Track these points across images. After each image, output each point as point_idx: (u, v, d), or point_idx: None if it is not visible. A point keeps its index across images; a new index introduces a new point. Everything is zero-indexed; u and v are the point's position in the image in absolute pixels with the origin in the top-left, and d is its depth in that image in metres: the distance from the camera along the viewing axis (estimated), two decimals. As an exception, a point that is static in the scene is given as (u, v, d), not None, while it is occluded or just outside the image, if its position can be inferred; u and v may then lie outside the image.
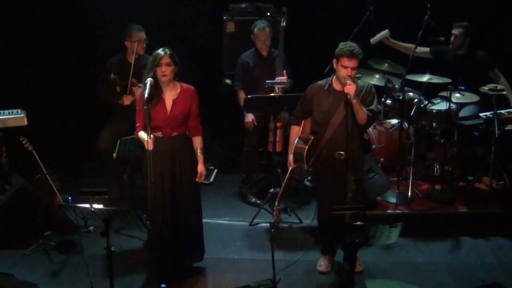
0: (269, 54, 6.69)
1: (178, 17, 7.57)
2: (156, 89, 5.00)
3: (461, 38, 6.63)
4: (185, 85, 5.16)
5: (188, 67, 7.56)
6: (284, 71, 6.46)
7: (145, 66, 6.12)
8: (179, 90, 5.11)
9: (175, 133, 5.10)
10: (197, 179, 5.20)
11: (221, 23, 7.29)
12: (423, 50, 6.78)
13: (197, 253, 5.45)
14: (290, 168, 5.53)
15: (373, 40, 6.82)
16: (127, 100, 6.22)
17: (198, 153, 5.22)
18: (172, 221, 5.17)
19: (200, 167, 5.21)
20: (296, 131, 5.44)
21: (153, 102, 4.98)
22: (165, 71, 4.95)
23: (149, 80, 4.92)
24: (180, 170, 5.14)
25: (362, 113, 5.05)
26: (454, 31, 6.67)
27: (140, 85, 6.02)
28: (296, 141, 5.40)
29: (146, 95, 4.84)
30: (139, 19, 6.46)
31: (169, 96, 5.08)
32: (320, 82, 5.31)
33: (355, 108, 4.99)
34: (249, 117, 6.61)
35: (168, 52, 4.98)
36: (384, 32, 6.82)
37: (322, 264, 5.56)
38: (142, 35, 6.26)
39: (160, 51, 4.99)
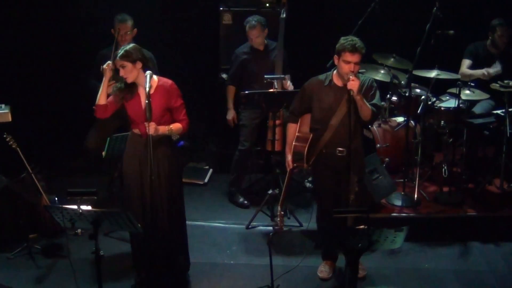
0: (265, 47, 6.70)
1: (171, 8, 7.57)
2: (133, 86, 5.01)
3: (508, 36, 6.70)
4: (163, 79, 5.11)
5: (182, 61, 7.60)
6: (289, 82, 6.50)
7: None
8: (156, 84, 5.06)
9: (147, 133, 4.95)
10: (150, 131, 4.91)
11: (218, 14, 7.29)
12: (466, 64, 6.91)
13: (181, 260, 5.41)
14: (289, 168, 5.54)
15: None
16: (108, 89, 6.16)
17: (167, 126, 5.07)
18: (153, 224, 5.06)
19: (159, 127, 5.00)
20: (293, 129, 5.45)
21: (127, 97, 5.02)
22: (123, 74, 4.95)
23: (148, 73, 4.93)
24: (158, 169, 5.05)
25: (366, 109, 5.07)
26: (500, 31, 6.71)
27: None
28: (294, 140, 5.41)
29: (147, 89, 4.83)
30: (131, 10, 6.45)
31: (145, 91, 5.01)
32: (320, 77, 5.31)
33: (359, 104, 5.01)
34: (231, 114, 6.76)
35: (120, 52, 4.93)
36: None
37: (323, 270, 5.57)
38: (125, 26, 6.23)
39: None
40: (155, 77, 5.09)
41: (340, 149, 5.17)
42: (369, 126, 6.73)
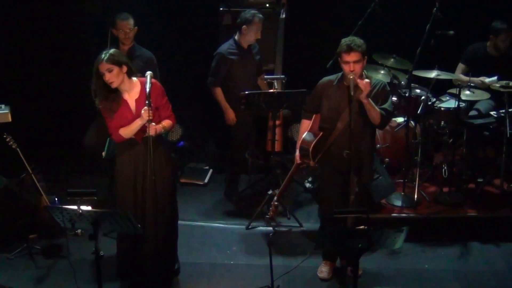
0: (249, 46, 6.65)
1: (171, 8, 7.56)
2: (116, 92, 4.91)
3: (508, 39, 6.70)
4: (144, 80, 4.97)
5: (182, 61, 7.60)
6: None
7: (139, 57, 6.12)
8: (140, 88, 4.97)
9: (147, 134, 4.91)
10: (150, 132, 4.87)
11: (218, 15, 7.28)
12: (461, 69, 6.93)
13: (169, 263, 5.38)
14: (296, 163, 5.54)
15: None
16: None
17: (161, 125, 5.01)
18: (144, 227, 5.01)
19: (157, 126, 4.94)
20: (306, 125, 5.47)
21: (114, 106, 4.92)
22: (109, 78, 4.79)
23: (149, 73, 4.90)
24: (154, 172, 4.95)
25: (375, 113, 5.07)
26: (505, 36, 6.69)
27: None
28: (304, 135, 5.43)
29: (147, 89, 4.80)
30: (131, 10, 6.44)
31: (131, 96, 4.97)
32: (330, 77, 5.34)
33: (367, 108, 5.02)
34: (231, 113, 6.58)
35: (105, 56, 4.77)
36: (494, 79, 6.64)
37: (323, 270, 5.57)
38: (128, 24, 6.22)
39: (98, 59, 4.82)
40: (134, 79, 4.99)
41: (347, 152, 5.14)
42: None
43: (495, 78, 6.58)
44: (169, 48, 7.45)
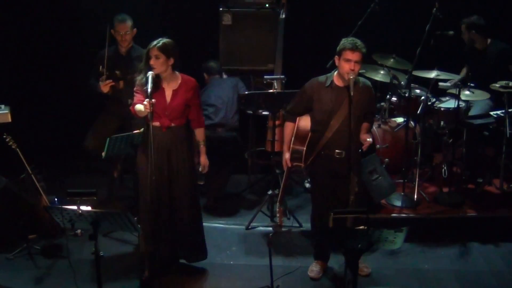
0: None
1: (171, 8, 7.56)
2: (157, 79, 5.12)
3: (465, 34, 6.70)
4: (186, 76, 5.31)
5: (181, 61, 7.59)
6: None
7: (137, 58, 6.14)
8: (179, 81, 5.25)
9: (173, 124, 5.21)
10: (200, 170, 5.45)
11: (217, 15, 7.28)
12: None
13: (197, 252, 5.57)
14: (287, 167, 5.53)
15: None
16: (105, 88, 6.17)
17: (201, 145, 5.45)
18: (169, 214, 5.30)
19: (203, 159, 5.45)
20: (291, 128, 5.44)
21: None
22: (154, 64, 5.08)
23: (150, 74, 5.01)
24: (177, 160, 5.25)
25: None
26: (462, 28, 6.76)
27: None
28: (293, 139, 5.41)
29: (149, 89, 4.92)
30: (131, 10, 6.45)
31: (169, 87, 5.22)
32: (320, 79, 5.29)
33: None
34: None
35: (159, 43, 5.10)
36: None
37: (314, 269, 5.57)
38: (124, 26, 6.21)
39: (153, 42, 5.13)
40: (177, 73, 5.25)
41: (338, 151, 5.17)
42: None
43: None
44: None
